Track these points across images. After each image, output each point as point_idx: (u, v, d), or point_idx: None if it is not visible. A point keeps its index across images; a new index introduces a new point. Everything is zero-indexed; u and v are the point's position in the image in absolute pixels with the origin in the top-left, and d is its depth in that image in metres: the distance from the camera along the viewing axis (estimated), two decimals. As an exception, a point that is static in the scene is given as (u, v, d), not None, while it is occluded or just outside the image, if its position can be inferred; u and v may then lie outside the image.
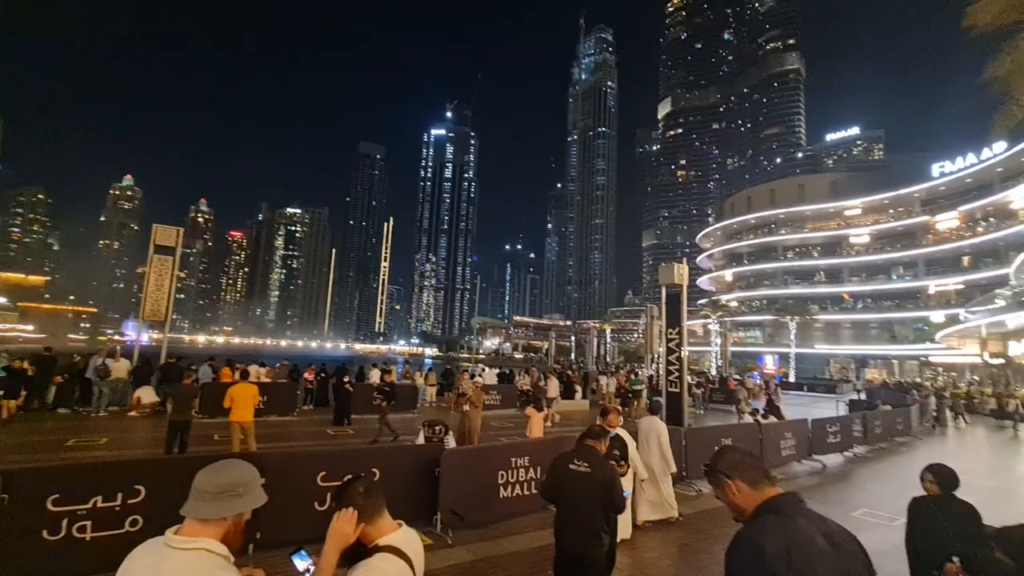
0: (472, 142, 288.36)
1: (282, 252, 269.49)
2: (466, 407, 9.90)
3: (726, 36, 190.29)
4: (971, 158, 46.51)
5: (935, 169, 50.66)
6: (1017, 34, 9.48)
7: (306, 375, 16.73)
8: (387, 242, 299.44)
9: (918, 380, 40.32)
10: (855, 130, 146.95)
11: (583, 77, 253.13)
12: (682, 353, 9.86)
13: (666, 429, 7.03)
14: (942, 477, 3.57)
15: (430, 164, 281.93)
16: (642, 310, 68.33)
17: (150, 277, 15.18)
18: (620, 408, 16.88)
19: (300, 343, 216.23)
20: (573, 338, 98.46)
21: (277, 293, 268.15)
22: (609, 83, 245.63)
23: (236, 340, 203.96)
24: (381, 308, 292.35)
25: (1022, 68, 9.20)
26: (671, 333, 9.86)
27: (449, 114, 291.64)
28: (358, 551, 1.72)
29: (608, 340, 76.23)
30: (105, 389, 13.07)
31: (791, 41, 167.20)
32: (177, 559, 1.46)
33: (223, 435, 10.50)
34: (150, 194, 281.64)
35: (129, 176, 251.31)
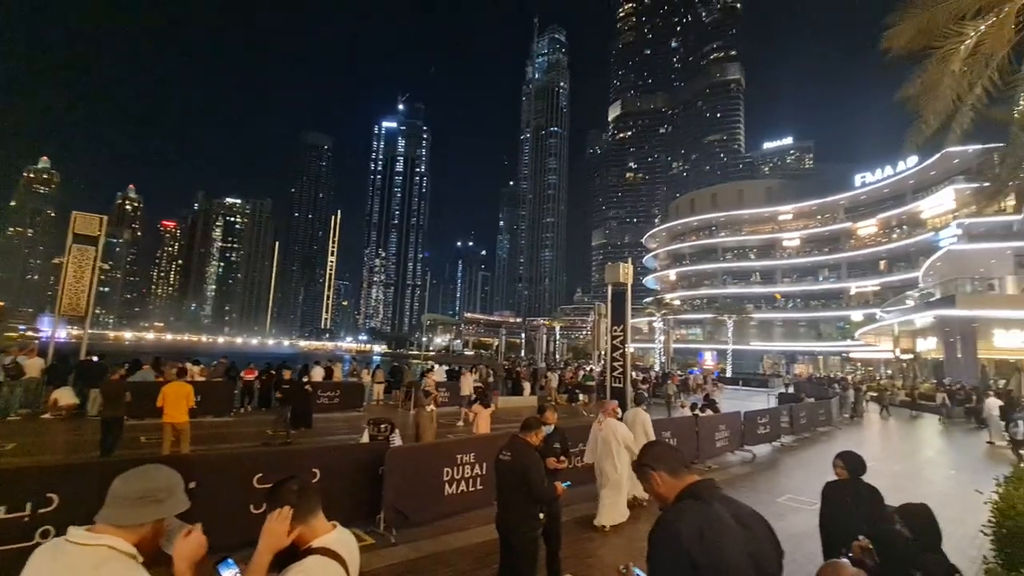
0: (424, 136, 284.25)
1: (220, 244, 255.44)
2: (430, 407, 9.84)
3: (673, 44, 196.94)
4: (888, 170, 50.55)
5: (857, 179, 54.72)
6: (926, 58, 10.41)
7: (244, 375, 15.90)
8: (334, 236, 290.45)
9: (839, 374, 43.54)
10: (788, 140, 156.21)
11: (536, 76, 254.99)
12: (626, 350, 10.17)
13: (649, 419, 7.78)
14: (850, 463, 3.90)
15: (381, 157, 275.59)
16: (590, 308, 69.83)
17: (68, 268, 14.00)
18: (567, 403, 17.12)
19: (239, 340, 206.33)
20: (523, 335, 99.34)
21: (214, 287, 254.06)
22: (562, 83, 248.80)
23: (168, 337, 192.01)
24: (327, 304, 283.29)
25: (929, 89, 10.09)
26: (616, 330, 10.16)
27: (401, 107, 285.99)
28: (290, 554, 1.66)
29: (557, 337, 77.40)
30: (17, 390, 11.97)
31: (733, 52, 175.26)
32: (76, 554, 1.36)
33: (151, 437, 9.93)
34: (70, 178, 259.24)
35: (45, 158, 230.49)
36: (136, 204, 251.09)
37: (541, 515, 3.86)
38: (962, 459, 13.09)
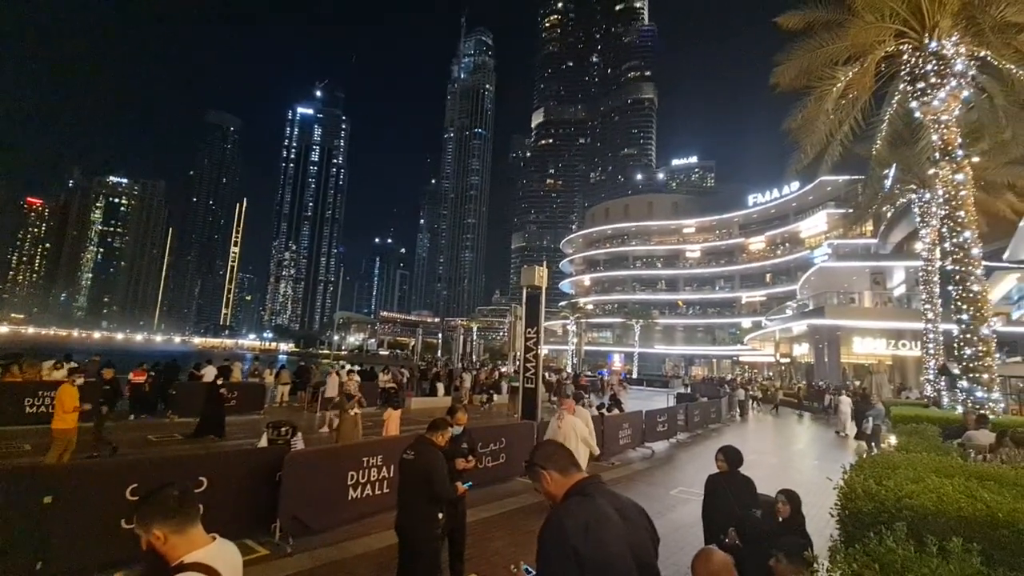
0: (343, 126, 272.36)
1: (100, 227, 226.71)
2: (355, 411, 9.41)
3: (594, 58, 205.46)
4: (775, 193, 56.42)
5: (750, 199, 60.53)
6: (806, 95, 11.81)
7: (132, 376, 13.84)
8: (238, 225, 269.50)
9: (729, 376, 47.77)
10: (694, 159, 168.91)
11: (462, 76, 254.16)
12: (539, 351, 10.41)
13: (589, 416, 8.45)
14: (730, 456, 4.29)
15: (294, 144, 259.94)
16: (508, 309, 70.78)
17: None
18: (481, 403, 17.19)
19: (121, 335, 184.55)
20: (440, 335, 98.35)
21: (91, 276, 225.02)
22: (487, 86, 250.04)
23: (30, 330, 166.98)
24: (228, 298, 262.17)
25: (807, 124, 11.49)
26: (529, 332, 10.37)
27: (319, 93, 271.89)
28: (161, 569, 1.53)
29: (475, 338, 77.49)
30: None
31: (648, 73, 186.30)
32: None
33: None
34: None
35: None
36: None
37: (440, 515, 3.85)
38: (825, 451, 14.87)
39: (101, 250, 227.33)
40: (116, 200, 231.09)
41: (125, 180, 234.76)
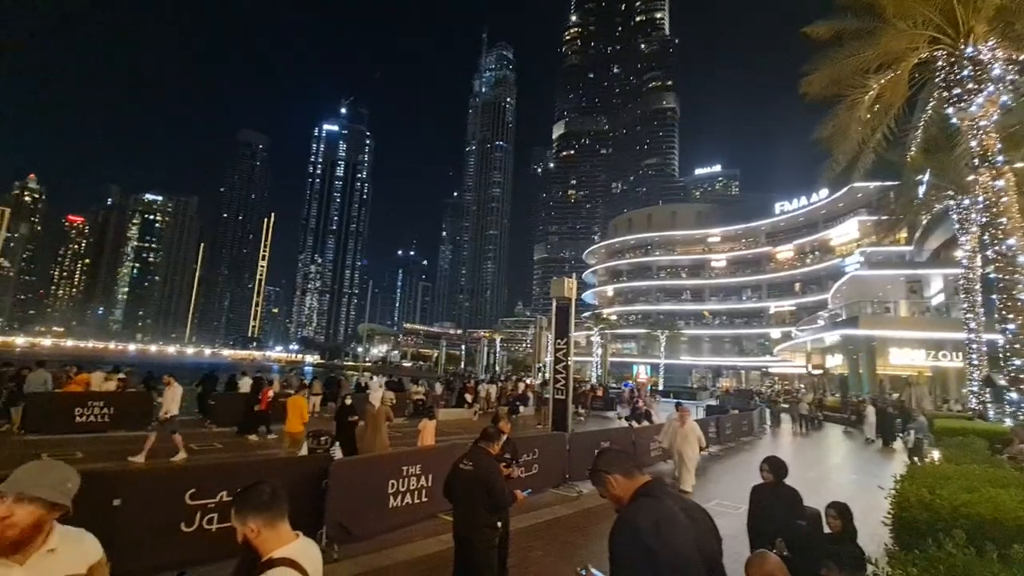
0: (367, 142, 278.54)
1: (136, 243, 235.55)
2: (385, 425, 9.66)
3: (615, 70, 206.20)
4: (803, 200, 55.26)
5: (777, 207, 59.39)
6: (837, 103, 11.71)
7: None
8: (266, 239, 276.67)
9: (760, 389, 46.67)
10: (718, 167, 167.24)
11: (483, 90, 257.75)
12: (569, 362, 10.49)
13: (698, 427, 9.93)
14: (775, 467, 4.30)
15: (320, 160, 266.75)
16: (531, 320, 70.84)
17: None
18: (508, 415, 17.41)
19: (154, 348, 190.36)
20: (464, 347, 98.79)
21: (127, 290, 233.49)
22: (508, 99, 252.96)
23: (70, 343, 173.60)
24: (256, 311, 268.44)
25: (839, 132, 11.37)
26: (559, 344, 10.46)
27: (344, 110, 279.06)
28: (252, 562, 1.64)
29: (498, 349, 77.59)
30: None
31: (669, 82, 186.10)
32: None
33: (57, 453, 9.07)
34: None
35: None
36: (37, 196, 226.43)
37: (499, 523, 3.95)
38: (862, 464, 14.43)
39: (137, 265, 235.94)
40: (151, 216, 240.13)
41: (160, 197, 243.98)
